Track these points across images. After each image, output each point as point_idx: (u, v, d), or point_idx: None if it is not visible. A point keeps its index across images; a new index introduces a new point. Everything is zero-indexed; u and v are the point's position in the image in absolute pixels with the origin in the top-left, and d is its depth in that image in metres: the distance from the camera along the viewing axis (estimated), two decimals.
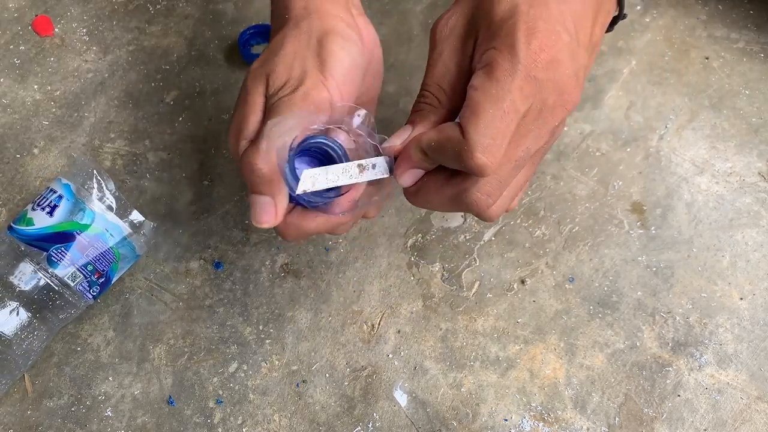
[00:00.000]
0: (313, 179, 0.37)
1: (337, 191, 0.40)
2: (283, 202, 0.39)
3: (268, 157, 0.37)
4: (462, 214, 0.56)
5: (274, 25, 0.44)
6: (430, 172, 0.39)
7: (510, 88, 0.34)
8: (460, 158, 0.34)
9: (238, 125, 0.40)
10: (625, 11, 0.44)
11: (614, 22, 0.44)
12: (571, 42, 0.36)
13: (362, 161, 0.38)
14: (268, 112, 0.39)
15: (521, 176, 0.39)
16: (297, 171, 0.38)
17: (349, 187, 0.40)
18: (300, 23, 0.41)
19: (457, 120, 0.36)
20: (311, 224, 0.41)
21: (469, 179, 0.37)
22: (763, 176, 0.57)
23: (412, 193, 0.40)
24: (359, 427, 0.49)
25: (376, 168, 0.38)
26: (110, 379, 0.51)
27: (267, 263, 0.55)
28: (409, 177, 0.39)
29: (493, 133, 0.34)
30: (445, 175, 0.38)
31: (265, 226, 0.38)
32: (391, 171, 0.39)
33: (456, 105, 0.38)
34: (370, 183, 0.40)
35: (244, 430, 0.49)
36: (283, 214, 0.39)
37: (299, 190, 0.36)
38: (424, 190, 0.39)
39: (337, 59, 0.40)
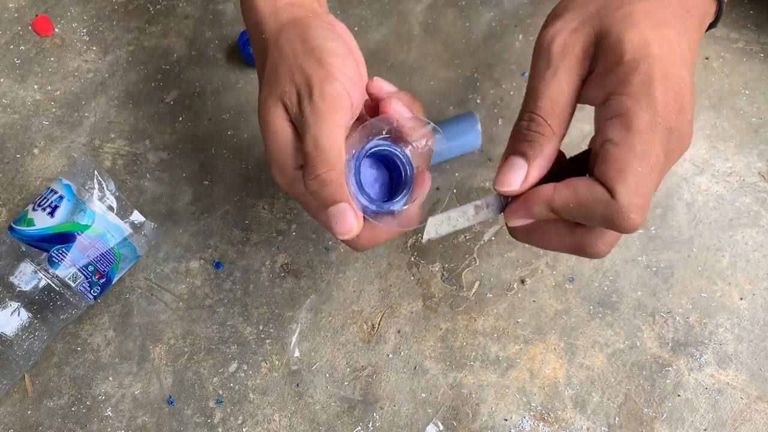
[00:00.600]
0: (436, 227, 0.39)
1: (393, 203, 0.41)
2: (356, 207, 0.38)
3: (332, 164, 0.36)
4: None
5: (256, 50, 0.44)
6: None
7: (653, 143, 0.33)
8: (611, 221, 0.33)
9: (279, 159, 0.39)
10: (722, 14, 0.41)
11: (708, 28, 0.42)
12: (691, 83, 0.34)
13: (478, 202, 0.39)
14: (303, 132, 0.38)
15: None
16: (362, 176, 0.40)
17: (405, 198, 0.42)
18: (279, 39, 0.41)
19: (589, 175, 0.35)
20: (382, 233, 0.40)
21: (595, 232, 0.36)
22: (763, 176, 0.57)
23: (522, 232, 0.39)
24: (359, 427, 0.49)
25: (489, 207, 0.39)
26: (110, 379, 0.51)
27: (267, 263, 0.55)
28: (522, 223, 0.38)
29: (644, 192, 0.33)
30: (569, 225, 0.37)
31: (353, 234, 0.37)
32: (500, 209, 0.39)
33: (564, 132, 0.37)
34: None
35: (244, 430, 0.49)
36: (362, 218, 0.38)
37: (425, 239, 0.39)
38: (540, 233, 0.38)
39: (329, 50, 0.39)
